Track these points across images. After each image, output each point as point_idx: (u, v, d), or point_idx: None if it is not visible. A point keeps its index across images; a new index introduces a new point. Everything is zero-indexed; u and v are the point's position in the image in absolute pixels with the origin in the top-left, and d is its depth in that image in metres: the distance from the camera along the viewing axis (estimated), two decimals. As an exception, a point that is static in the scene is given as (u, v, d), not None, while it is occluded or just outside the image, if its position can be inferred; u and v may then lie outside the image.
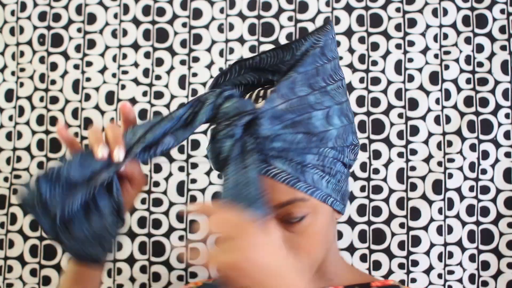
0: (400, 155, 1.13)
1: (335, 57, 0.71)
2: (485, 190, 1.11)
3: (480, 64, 1.14)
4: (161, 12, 1.17)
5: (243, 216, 0.54)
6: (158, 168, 1.14)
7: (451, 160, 1.11)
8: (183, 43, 1.17)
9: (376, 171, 1.12)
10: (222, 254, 0.51)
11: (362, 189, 1.12)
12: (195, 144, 1.14)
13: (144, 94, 1.16)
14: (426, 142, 1.12)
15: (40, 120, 1.15)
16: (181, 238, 1.13)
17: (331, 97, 0.67)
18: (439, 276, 1.10)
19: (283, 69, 0.69)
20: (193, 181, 1.14)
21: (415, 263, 1.11)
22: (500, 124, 1.12)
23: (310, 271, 0.69)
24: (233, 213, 0.54)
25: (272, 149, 0.63)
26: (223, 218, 0.53)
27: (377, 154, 1.12)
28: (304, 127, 0.64)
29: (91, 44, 1.17)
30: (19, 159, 1.15)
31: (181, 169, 1.14)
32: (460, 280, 1.10)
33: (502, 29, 1.14)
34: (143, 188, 0.68)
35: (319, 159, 0.66)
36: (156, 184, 1.13)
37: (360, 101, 1.14)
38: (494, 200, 1.11)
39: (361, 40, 1.15)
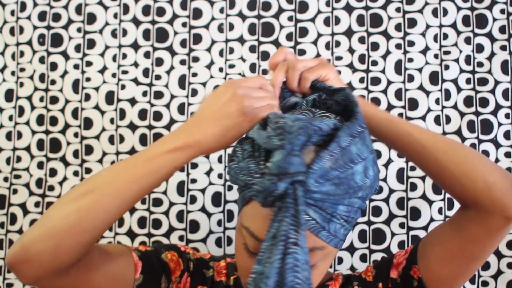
0: (400, 155, 1.12)
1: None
2: (485, 190, 1.11)
3: (480, 64, 1.14)
4: (161, 12, 1.17)
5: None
6: (158, 168, 1.14)
7: (451, 160, 1.11)
8: (183, 43, 1.17)
9: (376, 171, 1.12)
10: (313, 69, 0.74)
11: (362, 189, 1.12)
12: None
13: (144, 94, 1.16)
14: (426, 142, 1.12)
15: (40, 120, 1.15)
16: (181, 238, 1.13)
17: (366, 145, 0.69)
18: (439, 276, 1.10)
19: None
20: (193, 181, 1.14)
21: (415, 263, 1.11)
22: (500, 124, 1.12)
23: None
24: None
25: (311, 198, 0.65)
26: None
27: (377, 154, 1.12)
28: (346, 183, 0.66)
29: (91, 44, 1.17)
30: (19, 159, 1.15)
31: (181, 169, 1.13)
32: (460, 280, 1.10)
33: (502, 29, 1.14)
34: None
35: (347, 210, 0.68)
36: (156, 184, 1.13)
37: (360, 101, 1.14)
38: (494, 200, 1.11)
39: (361, 40, 1.15)
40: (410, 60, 1.14)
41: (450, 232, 0.75)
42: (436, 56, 1.14)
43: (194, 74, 1.16)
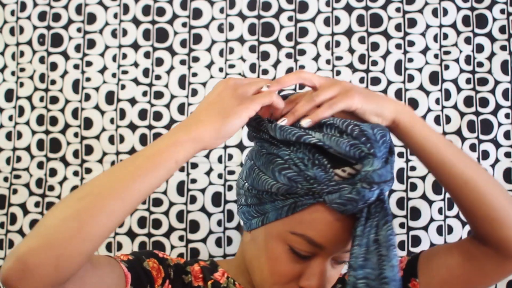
0: (400, 154, 1.12)
1: None
2: (485, 190, 1.11)
3: (480, 64, 1.14)
4: (161, 12, 1.17)
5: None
6: (158, 168, 1.13)
7: (451, 160, 1.11)
8: (183, 43, 1.17)
9: (376, 171, 1.12)
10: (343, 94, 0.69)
11: (362, 189, 1.12)
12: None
13: (144, 94, 1.16)
14: (426, 142, 1.12)
15: (40, 120, 1.15)
16: (181, 238, 1.13)
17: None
18: (439, 276, 1.10)
19: None
20: (193, 181, 1.14)
21: (415, 263, 1.11)
22: (500, 124, 1.12)
23: None
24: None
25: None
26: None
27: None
28: (391, 185, 0.72)
29: (91, 44, 1.17)
30: (19, 159, 1.15)
31: (181, 169, 1.14)
32: (460, 280, 1.10)
33: (502, 29, 1.14)
34: None
35: None
36: (156, 184, 1.13)
37: (360, 101, 1.14)
38: (494, 200, 1.11)
39: (361, 40, 1.15)
40: (410, 60, 1.14)
41: (460, 260, 0.76)
42: (436, 56, 1.14)
43: (194, 74, 1.16)
